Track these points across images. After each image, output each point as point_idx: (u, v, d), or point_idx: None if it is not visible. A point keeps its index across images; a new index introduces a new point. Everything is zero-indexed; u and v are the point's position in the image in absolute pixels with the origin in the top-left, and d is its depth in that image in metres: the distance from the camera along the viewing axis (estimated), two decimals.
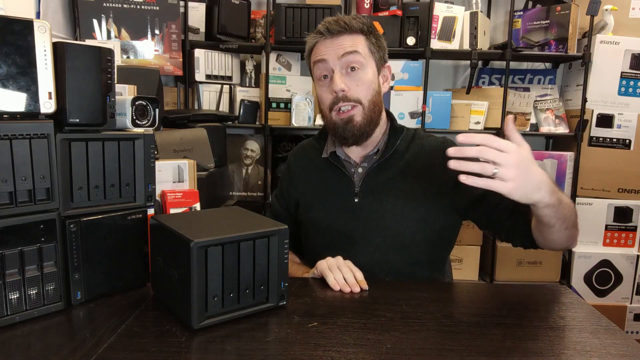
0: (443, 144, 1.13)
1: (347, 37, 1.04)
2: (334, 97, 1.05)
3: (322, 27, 1.06)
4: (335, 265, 0.95)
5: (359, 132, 1.06)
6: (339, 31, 1.04)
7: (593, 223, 2.27)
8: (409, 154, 1.11)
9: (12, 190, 0.71)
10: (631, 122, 2.21)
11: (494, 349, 0.69)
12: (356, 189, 1.10)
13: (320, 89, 1.08)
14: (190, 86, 2.29)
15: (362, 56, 1.04)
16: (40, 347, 0.67)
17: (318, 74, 1.07)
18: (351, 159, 1.13)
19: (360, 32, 1.06)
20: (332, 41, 1.05)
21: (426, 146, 1.13)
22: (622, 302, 2.27)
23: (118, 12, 2.05)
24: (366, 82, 1.05)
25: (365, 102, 1.05)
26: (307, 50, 1.11)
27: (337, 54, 1.03)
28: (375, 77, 1.08)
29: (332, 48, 1.04)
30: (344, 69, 1.04)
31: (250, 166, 2.38)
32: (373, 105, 1.06)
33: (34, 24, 0.72)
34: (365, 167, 1.11)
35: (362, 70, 1.05)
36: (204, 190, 1.19)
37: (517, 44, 2.26)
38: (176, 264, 0.74)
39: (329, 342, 0.69)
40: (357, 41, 1.05)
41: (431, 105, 2.21)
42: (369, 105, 1.05)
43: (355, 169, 1.12)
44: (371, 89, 1.06)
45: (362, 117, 1.05)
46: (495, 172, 0.76)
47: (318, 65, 1.07)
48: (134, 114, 0.91)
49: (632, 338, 0.73)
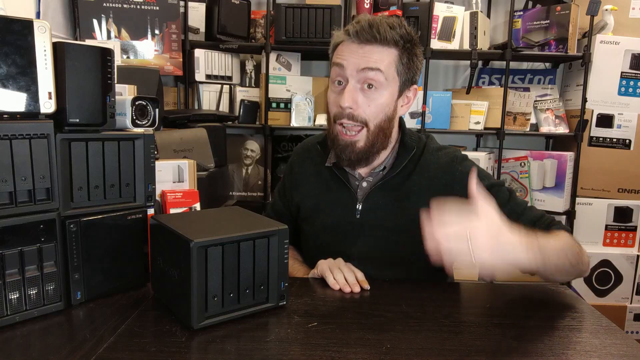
0: (452, 161, 1.05)
1: (376, 49, 0.94)
2: (339, 110, 0.97)
3: (352, 28, 0.96)
4: (336, 266, 0.95)
5: (356, 158, 1.00)
6: (369, 40, 0.94)
7: (593, 223, 2.26)
8: (416, 171, 1.04)
9: (12, 190, 0.71)
10: (631, 122, 2.21)
11: (494, 349, 0.69)
12: (358, 205, 1.05)
13: (331, 92, 1.01)
14: (190, 86, 2.29)
15: (383, 76, 0.95)
16: (40, 347, 0.67)
17: (333, 76, 1.00)
18: (356, 172, 1.07)
19: (394, 45, 0.95)
20: (358, 48, 0.95)
21: (434, 163, 1.05)
22: (622, 302, 2.27)
23: (118, 12, 2.05)
24: (379, 105, 0.96)
25: (372, 125, 0.97)
26: (331, 46, 1.02)
27: (357, 66, 0.94)
28: (393, 101, 0.99)
29: (355, 57, 0.95)
30: (359, 83, 0.96)
31: (250, 166, 2.38)
32: (379, 130, 0.98)
33: (34, 24, 0.72)
34: (370, 181, 1.06)
35: (378, 91, 0.96)
36: (204, 190, 1.19)
37: (517, 44, 2.26)
38: (176, 264, 0.74)
39: (329, 342, 0.69)
40: (386, 56, 0.95)
41: (431, 105, 2.21)
42: (375, 130, 0.98)
43: (360, 183, 1.06)
44: (382, 113, 0.97)
45: (365, 142, 0.98)
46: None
47: (335, 68, 0.98)
48: (134, 114, 0.91)
49: (632, 338, 0.73)
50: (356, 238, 1.05)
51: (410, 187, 1.03)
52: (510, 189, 1.04)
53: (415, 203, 1.02)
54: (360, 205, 1.05)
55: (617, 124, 2.22)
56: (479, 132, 2.31)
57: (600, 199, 2.26)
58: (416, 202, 1.02)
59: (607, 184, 2.25)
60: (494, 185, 1.02)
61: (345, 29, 0.97)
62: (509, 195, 1.02)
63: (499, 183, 1.03)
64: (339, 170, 1.07)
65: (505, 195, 1.01)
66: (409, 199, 1.03)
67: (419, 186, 1.03)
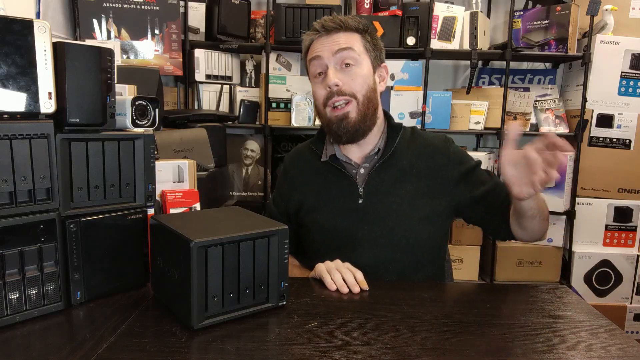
0: (445, 142, 1.14)
1: (342, 35, 1.06)
2: (328, 92, 1.05)
3: (317, 25, 1.07)
4: (334, 267, 0.95)
5: (353, 129, 1.05)
6: (334, 28, 1.05)
7: (593, 223, 2.27)
8: (410, 152, 1.11)
9: (12, 190, 0.71)
10: (631, 122, 2.21)
11: (493, 349, 0.69)
12: (360, 190, 1.09)
13: (315, 86, 1.09)
14: (190, 86, 2.29)
15: (356, 53, 1.05)
16: (40, 347, 0.67)
17: (313, 70, 1.08)
18: (352, 160, 1.12)
19: (356, 30, 1.07)
20: (327, 38, 1.06)
21: (428, 144, 1.13)
22: (622, 302, 2.27)
23: (118, 12, 2.05)
24: (361, 77, 1.05)
25: (360, 96, 1.05)
26: (303, 49, 1.12)
27: (332, 50, 1.04)
28: (371, 74, 1.08)
29: (327, 45, 1.05)
30: (338, 64, 1.05)
31: (250, 166, 2.38)
32: (368, 100, 1.06)
33: (34, 24, 0.72)
34: (367, 167, 1.10)
35: (356, 66, 1.05)
36: (204, 190, 1.19)
37: (517, 44, 2.26)
38: (176, 264, 0.74)
39: (329, 342, 0.69)
40: (352, 39, 1.06)
41: (431, 105, 2.21)
42: (364, 101, 1.05)
43: (357, 170, 1.11)
44: (366, 84, 1.06)
45: (357, 112, 1.05)
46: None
47: (313, 63, 1.07)
48: (134, 114, 0.91)
49: (632, 338, 0.73)
50: (361, 223, 1.08)
51: (407, 168, 1.10)
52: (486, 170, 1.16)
53: (414, 182, 1.08)
54: (362, 190, 1.08)
55: (617, 124, 2.22)
56: (479, 132, 2.32)
57: (600, 199, 2.26)
58: (415, 181, 1.08)
59: (607, 184, 2.25)
60: (478, 163, 1.14)
61: (312, 30, 1.09)
62: (485, 171, 1.14)
63: (478, 163, 1.15)
64: (335, 162, 1.11)
65: (484, 172, 1.14)
66: (408, 179, 1.08)
67: (416, 167, 1.10)
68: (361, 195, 1.09)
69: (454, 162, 1.11)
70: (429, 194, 1.08)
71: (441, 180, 1.09)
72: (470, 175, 1.11)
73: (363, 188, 1.09)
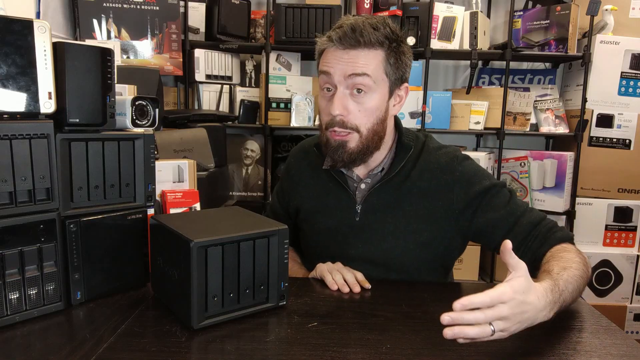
0: (452, 160, 1.03)
1: (362, 53, 0.92)
2: (330, 119, 0.96)
3: (335, 34, 0.93)
4: (335, 268, 0.95)
5: (349, 160, 0.97)
6: (353, 45, 0.91)
7: (593, 223, 2.26)
8: (415, 171, 1.02)
9: (12, 190, 0.71)
10: (631, 122, 2.21)
11: (494, 349, 0.69)
12: (357, 207, 1.03)
13: (321, 99, 0.99)
14: (190, 86, 2.29)
15: (372, 79, 0.92)
16: (40, 347, 0.67)
17: (322, 83, 0.98)
18: (354, 173, 1.05)
19: (380, 46, 0.93)
20: (343, 54, 0.92)
21: (434, 161, 1.03)
22: (622, 302, 2.27)
23: (118, 12, 2.05)
24: (369, 109, 0.95)
25: (364, 130, 0.96)
26: (316, 52, 1.00)
27: (344, 73, 0.92)
28: (384, 102, 0.97)
29: (341, 63, 0.92)
30: (348, 89, 0.94)
31: (250, 166, 2.38)
32: (373, 134, 0.97)
33: (34, 24, 0.72)
34: (369, 183, 1.04)
35: (368, 94, 0.94)
36: (204, 190, 1.19)
37: (517, 44, 2.26)
38: (176, 264, 0.74)
39: (329, 342, 0.69)
40: (372, 59, 0.92)
41: (431, 105, 2.21)
42: (367, 134, 0.96)
43: (358, 185, 1.04)
44: (374, 117, 0.96)
45: (357, 145, 0.96)
46: (493, 332, 0.65)
47: (322, 76, 0.96)
48: (134, 114, 0.91)
49: (632, 338, 0.73)
50: (356, 241, 1.04)
51: (409, 188, 1.02)
52: (510, 189, 1.02)
53: (415, 204, 1.01)
54: (360, 207, 1.04)
55: (617, 124, 2.22)
56: (479, 132, 2.31)
57: (600, 199, 2.26)
58: (416, 202, 1.01)
59: (607, 184, 2.25)
60: (495, 185, 1.00)
61: (328, 35, 0.94)
62: (510, 196, 1.00)
63: (500, 184, 1.01)
64: (336, 173, 1.05)
65: (506, 196, 1.00)
66: (409, 200, 1.01)
67: (418, 187, 1.01)
68: (358, 213, 1.03)
69: (461, 183, 1.00)
70: (430, 218, 1.00)
71: (444, 203, 1.00)
72: (481, 198, 0.99)
73: (361, 205, 1.03)
